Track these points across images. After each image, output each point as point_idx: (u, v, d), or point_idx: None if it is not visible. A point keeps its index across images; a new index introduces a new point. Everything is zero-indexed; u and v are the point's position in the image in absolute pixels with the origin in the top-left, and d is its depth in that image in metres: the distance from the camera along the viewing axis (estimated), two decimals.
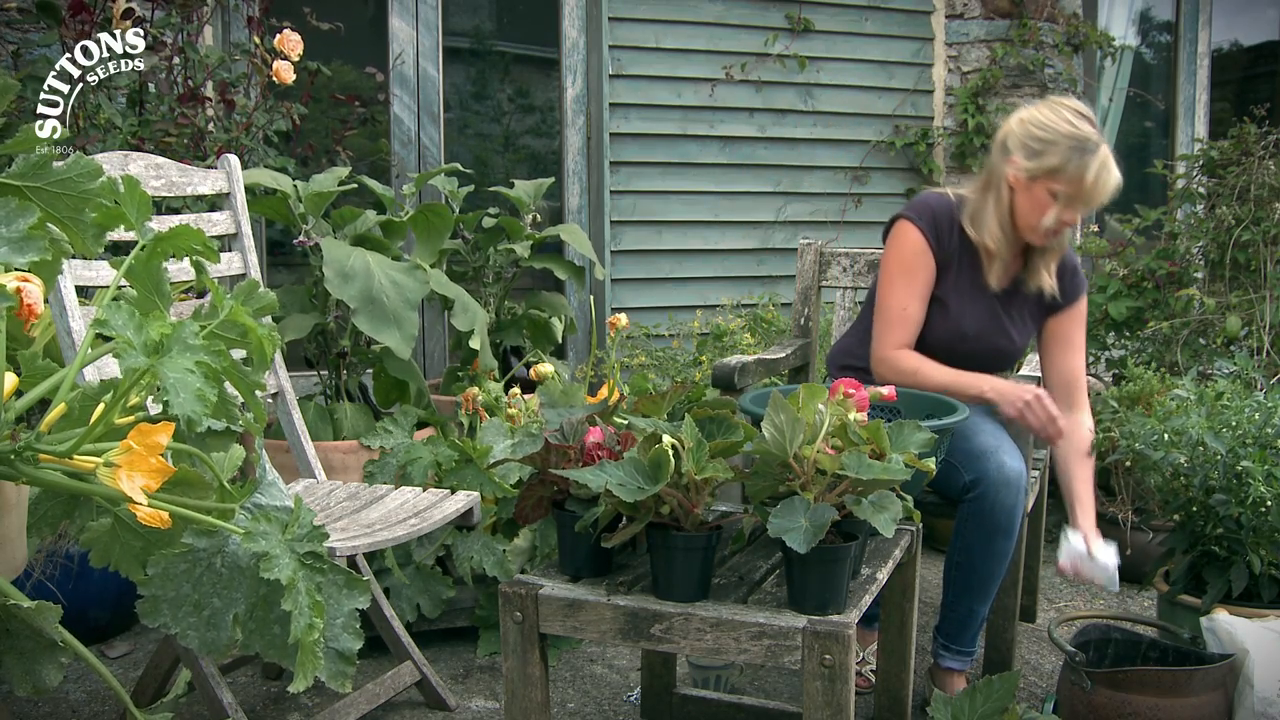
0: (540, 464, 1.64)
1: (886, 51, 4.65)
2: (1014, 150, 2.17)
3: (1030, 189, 2.16)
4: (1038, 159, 2.13)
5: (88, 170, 1.27)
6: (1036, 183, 2.14)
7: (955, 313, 2.27)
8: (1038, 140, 2.13)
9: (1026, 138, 2.15)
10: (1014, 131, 2.19)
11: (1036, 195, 2.15)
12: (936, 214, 2.26)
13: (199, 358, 1.17)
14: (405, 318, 2.68)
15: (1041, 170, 2.13)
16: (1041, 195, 2.15)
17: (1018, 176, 2.16)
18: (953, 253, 2.27)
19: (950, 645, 2.22)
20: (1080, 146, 2.10)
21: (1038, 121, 2.15)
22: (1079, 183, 2.11)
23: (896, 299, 2.25)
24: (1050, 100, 2.20)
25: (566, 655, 2.59)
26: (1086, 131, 2.12)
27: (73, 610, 2.23)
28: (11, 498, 1.33)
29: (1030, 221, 2.18)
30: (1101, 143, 2.13)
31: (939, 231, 2.25)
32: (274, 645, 1.28)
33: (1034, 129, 2.15)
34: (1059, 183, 2.12)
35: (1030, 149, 2.14)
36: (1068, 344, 2.35)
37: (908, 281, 2.25)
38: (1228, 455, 2.15)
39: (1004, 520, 2.09)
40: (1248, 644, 1.97)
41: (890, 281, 2.27)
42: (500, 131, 4.50)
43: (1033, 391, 2.09)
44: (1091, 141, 2.11)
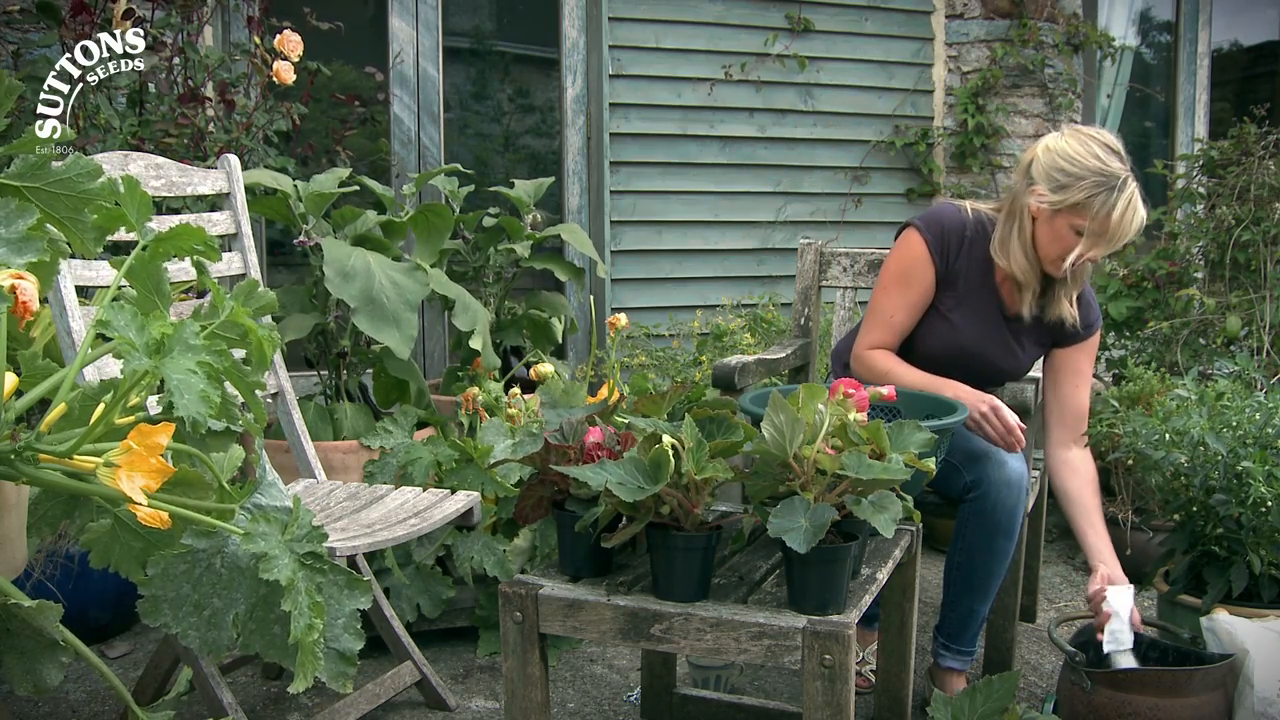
0: (540, 464, 1.64)
1: (886, 51, 4.65)
2: (1038, 180, 2.11)
3: (1052, 221, 2.11)
4: (1062, 192, 2.07)
5: (87, 170, 1.27)
6: (1059, 216, 2.09)
7: (958, 328, 2.25)
8: (1063, 173, 2.08)
9: (1052, 169, 2.09)
10: (1039, 160, 2.13)
11: (1058, 229, 2.10)
12: (946, 229, 2.23)
13: (201, 358, 1.17)
14: (405, 318, 2.68)
15: (1065, 205, 2.07)
16: (1063, 229, 2.10)
17: (1040, 207, 2.11)
18: (959, 269, 2.23)
19: (951, 645, 2.22)
20: (1107, 184, 2.05)
21: (1064, 153, 2.09)
22: (1104, 221, 2.05)
23: (887, 304, 2.25)
24: (1079, 131, 2.14)
25: (566, 655, 2.59)
26: (1114, 168, 2.06)
27: (73, 610, 2.22)
28: (11, 498, 1.33)
29: (1049, 254, 2.14)
30: (1129, 179, 2.07)
31: (945, 246, 2.22)
32: (274, 645, 1.28)
33: (1060, 160, 2.09)
34: (1082, 219, 2.06)
35: (1055, 181, 2.08)
36: (1077, 376, 2.30)
37: (902, 290, 2.24)
38: (1228, 455, 2.15)
39: (1005, 520, 2.09)
40: (1248, 644, 1.97)
41: (885, 286, 2.27)
42: (500, 131, 4.50)
43: (989, 402, 2.06)
44: (1118, 179, 2.05)
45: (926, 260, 2.22)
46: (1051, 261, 2.15)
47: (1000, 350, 2.27)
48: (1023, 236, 2.16)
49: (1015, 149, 4.64)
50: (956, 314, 2.25)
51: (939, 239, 2.22)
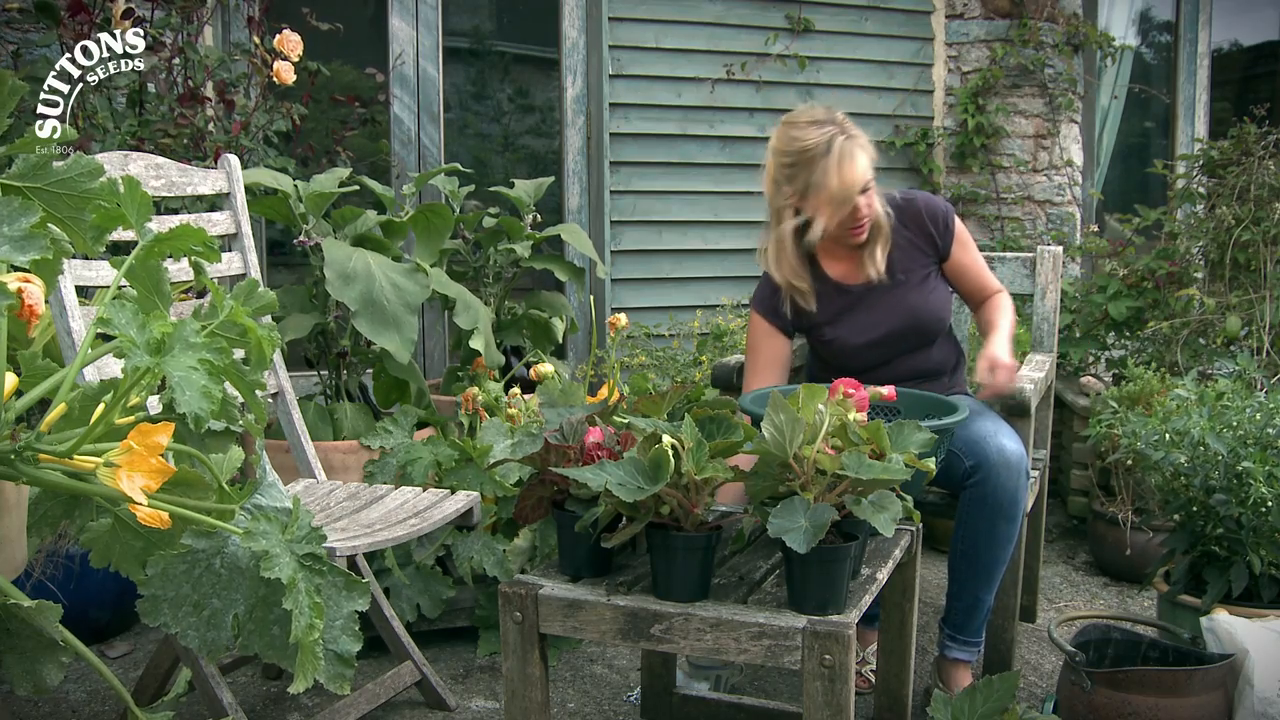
0: (540, 464, 1.64)
1: (886, 51, 4.65)
2: (781, 182, 2.27)
3: (809, 206, 2.24)
4: (794, 182, 2.24)
5: (88, 170, 1.27)
6: (808, 200, 2.23)
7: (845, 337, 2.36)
8: (787, 166, 2.24)
9: (780, 166, 2.26)
10: (772, 164, 2.29)
11: (816, 208, 2.24)
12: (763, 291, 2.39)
13: (202, 355, 1.17)
14: (405, 321, 2.68)
15: (801, 190, 2.23)
16: (817, 206, 2.23)
17: (796, 200, 2.26)
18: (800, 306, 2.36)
19: (957, 636, 2.22)
20: (810, 157, 2.19)
21: (779, 149, 2.25)
22: (827, 188, 2.19)
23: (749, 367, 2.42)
24: (785, 121, 2.29)
25: (566, 655, 2.59)
26: (815, 136, 2.19)
27: (73, 610, 2.22)
28: (11, 498, 1.33)
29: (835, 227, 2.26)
30: (834, 136, 2.19)
31: (768, 303, 2.38)
32: (273, 646, 1.28)
33: (781, 158, 2.25)
34: (818, 193, 2.20)
35: (787, 175, 2.25)
36: (965, 270, 2.42)
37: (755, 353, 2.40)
38: (1228, 455, 2.15)
39: (1007, 503, 2.10)
40: (1248, 644, 1.97)
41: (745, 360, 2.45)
42: (500, 131, 4.50)
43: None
44: (822, 144, 2.19)
45: (767, 326, 2.38)
46: (843, 237, 2.29)
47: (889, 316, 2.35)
48: (783, 240, 2.31)
49: (1015, 149, 4.64)
50: (830, 331, 2.37)
51: (764, 303, 2.38)
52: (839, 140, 2.19)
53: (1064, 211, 4.69)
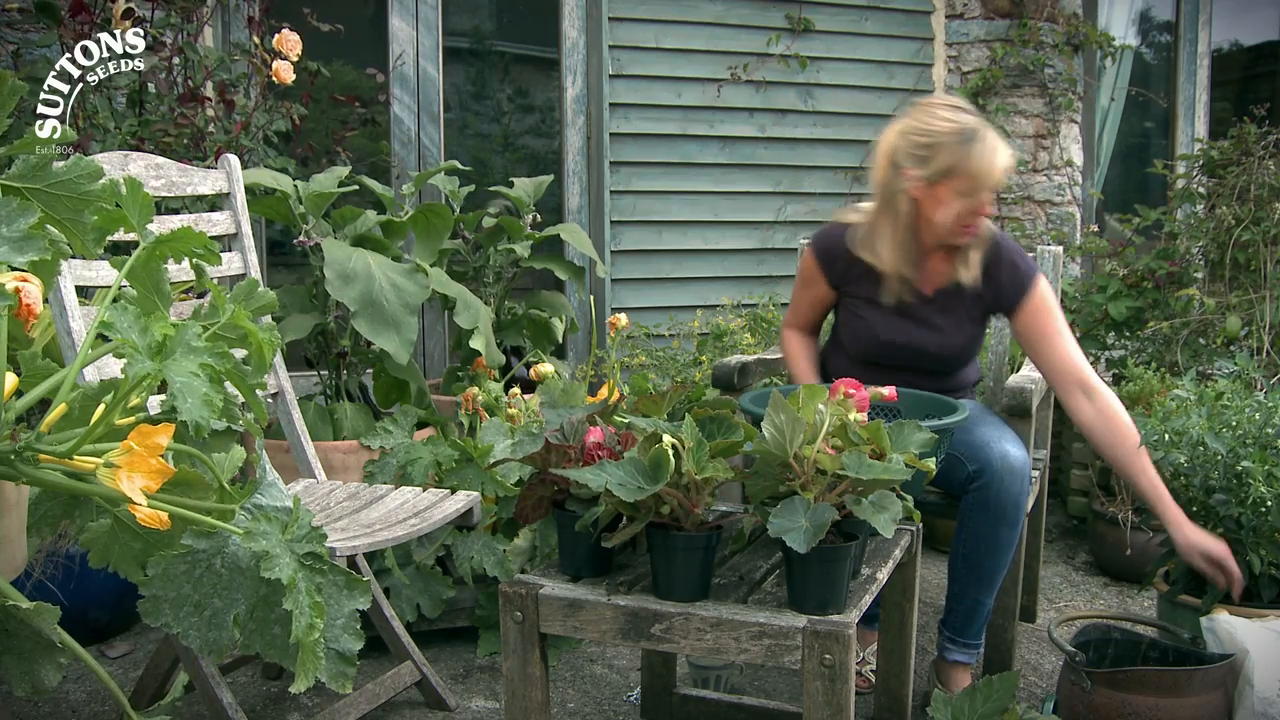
0: (540, 464, 1.64)
1: (887, 51, 4.65)
2: (904, 163, 2.20)
3: (934, 194, 2.18)
4: (929, 164, 2.16)
5: (88, 171, 1.27)
6: (936, 186, 2.17)
7: (871, 323, 2.34)
8: (923, 146, 2.17)
9: (912, 148, 2.19)
10: (898, 145, 2.22)
11: (940, 197, 2.18)
12: (829, 245, 2.39)
13: (204, 360, 1.17)
14: (404, 322, 2.67)
15: (937, 173, 2.16)
16: (945, 196, 2.17)
17: (917, 187, 2.19)
18: (854, 274, 2.35)
19: (957, 639, 2.22)
20: (964, 138, 2.15)
21: (917, 129, 2.19)
22: (973, 173, 2.14)
23: (795, 296, 2.52)
24: (921, 104, 2.25)
25: (566, 655, 2.59)
26: (965, 121, 2.17)
27: (73, 610, 2.23)
28: (11, 498, 1.32)
29: (946, 224, 2.20)
30: (983, 127, 2.17)
31: (829, 258, 2.38)
32: (274, 645, 1.28)
33: (915, 137, 2.19)
34: (958, 179, 2.15)
35: (919, 157, 2.18)
36: (1044, 339, 2.29)
37: (803, 289, 2.48)
38: (1228, 455, 2.15)
39: (1010, 509, 2.10)
40: (1248, 644, 1.97)
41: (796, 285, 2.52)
42: (500, 131, 4.50)
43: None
44: (971, 129, 2.16)
45: (815, 270, 2.42)
46: (951, 232, 2.22)
47: (922, 335, 2.31)
48: (898, 224, 2.25)
49: (1016, 149, 4.63)
50: (865, 310, 2.35)
51: (823, 254, 2.40)
52: (987, 130, 2.17)
53: (1064, 211, 4.69)
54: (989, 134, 2.16)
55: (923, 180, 2.18)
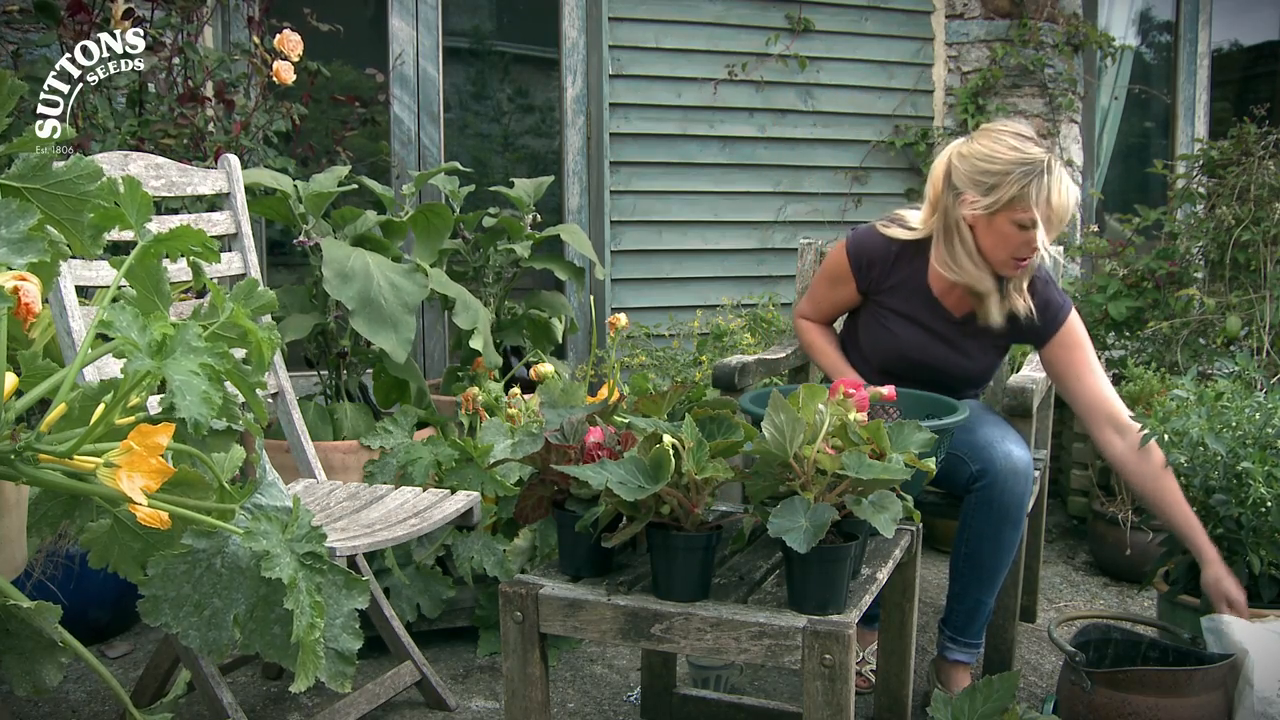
0: (541, 463, 1.64)
1: (886, 51, 4.65)
2: (964, 188, 2.11)
3: (991, 223, 2.10)
4: (994, 193, 2.07)
5: (87, 171, 1.27)
6: (997, 216, 2.08)
7: (897, 336, 2.30)
8: (987, 174, 2.08)
9: (975, 174, 2.10)
10: (958, 168, 2.13)
11: (999, 228, 2.09)
12: (869, 251, 2.31)
13: (203, 359, 1.17)
14: (403, 321, 2.67)
15: (1000, 204, 2.07)
16: (1005, 227, 2.09)
17: (975, 214, 2.11)
18: (891, 285, 2.30)
19: (958, 638, 2.22)
20: (1035, 170, 2.05)
21: (982, 155, 2.09)
22: (1045, 207, 2.05)
23: (817, 290, 2.46)
24: (987, 129, 2.15)
25: (566, 655, 2.59)
26: (1034, 154, 2.07)
27: (73, 610, 2.23)
28: (11, 498, 1.33)
29: (998, 256, 2.13)
30: (1053, 159, 2.07)
31: (865, 267, 2.32)
32: (274, 645, 1.28)
33: (980, 163, 2.09)
34: (1022, 211, 2.06)
35: (982, 184, 2.09)
36: (1074, 373, 2.25)
37: (828, 285, 2.42)
38: (1228, 456, 2.15)
39: (1012, 509, 2.10)
40: (1248, 644, 1.97)
41: (819, 277, 2.47)
42: (500, 131, 4.50)
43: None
44: (1042, 162, 2.05)
45: (847, 272, 2.35)
46: (1003, 263, 2.14)
47: (946, 355, 2.29)
48: (966, 247, 2.15)
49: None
50: (894, 323, 2.31)
51: (858, 259, 2.33)
52: (1057, 165, 2.06)
53: None
54: (1057, 168, 2.06)
55: (982, 209, 2.09)
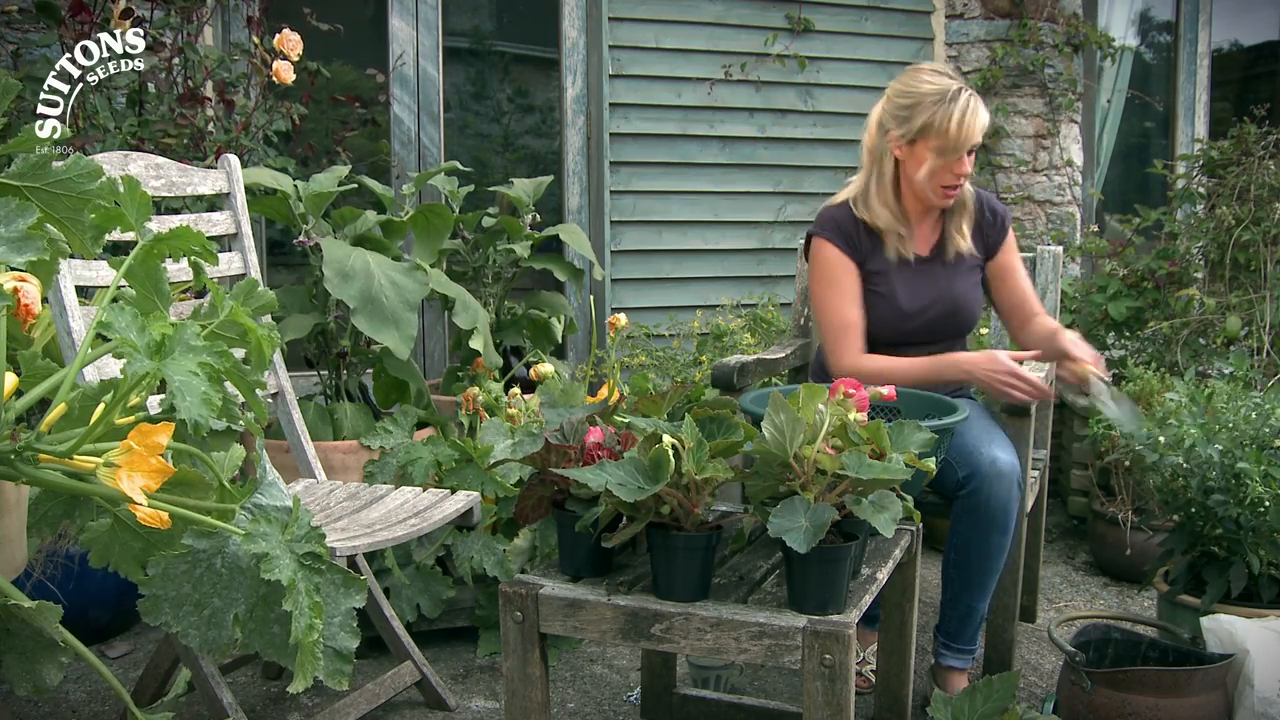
0: (540, 464, 1.64)
1: (886, 51, 4.65)
2: (888, 124, 2.30)
3: (912, 153, 2.28)
4: (908, 122, 2.25)
5: (87, 171, 1.27)
6: (915, 145, 2.26)
7: (890, 298, 2.35)
8: (904, 107, 2.27)
9: (894, 109, 2.29)
10: (884, 109, 2.32)
11: (919, 157, 2.26)
12: (839, 221, 2.38)
13: (202, 359, 1.17)
14: (404, 318, 2.67)
15: (915, 131, 2.24)
16: (923, 155, 2.26)
17: (899, 146, 2.29)
18: (868, 247, 2.36)
19: (951, 644, 2.22)
20: (940, 97, 2.22)
21: (900, 91, 2.29)
22: (945, 128, 2.21)
23: (834, 311, 2.34)
24: (908, 69, 2.35)
25: (566, 655, 2.59)
26: (944, 83, 2.24)
27: (73, 610, 2.22)
28: (11, 498, 1.33)
29: (927, 185, 2.28)
30: (962, 89, 2.24)
31: (846, 234, 2.36)
32: (273, 645, 1.28)
33: (898, 99, 2.28)
34: (932, 137, 2.23)
35: (900, 117, 2.27)
36: (1009, 274, 2.43)
37: (837, 292, 2.34)
38: (1224, 456, 2.15)
39: (999, 515, 2.10)
40: (1248, 644, 1.97)
41: (822, 297, 2.37)
42: (500, 131, 4.50)
43: (1005, 366, 2.14)
44: (951, 90, 2.23)
45: (840, 256, 2.35)
46: (931, 190, 2.29)
47: (938, 298, 2.35)
48: (883, 184, 2.33)
49: (1015, 149, 4.64)
50: (884, 283, 2.36)
51: (838, 232, 2.36)
52: (966, 92, 2.24)
53: (1064, 211, 4.69)
54: (966, 94, 2.23)
55: (903, 139, 2.27)
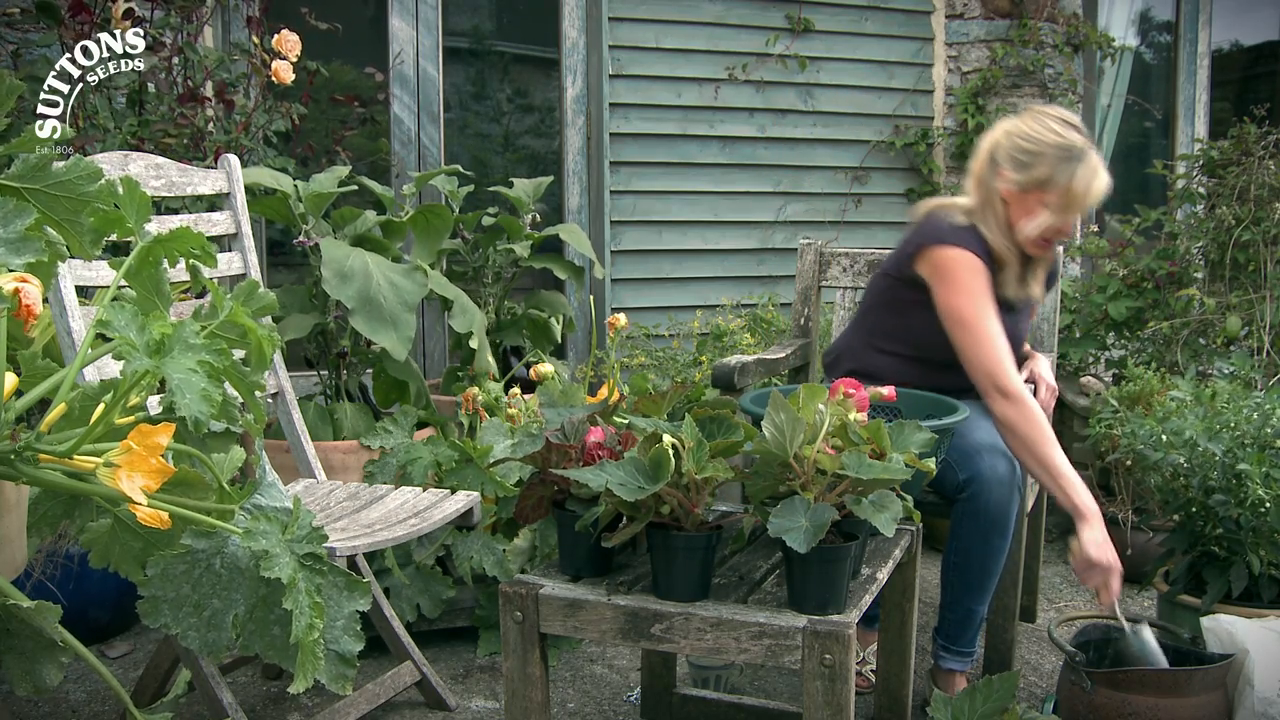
0: (540, 464, 1.64)
1: (886, 51, 4.65)
2: (1003, 163, 2.19)
3: (1023, 200, 2.17)
4: (1026, 171, 2.15)
5: (87, 172, 1.27)
6: (1028, 195, 2.16)
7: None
8: (1025, 153, 2.16)
9: (1014, 150, 2.17)
10: (1001, 144, 2.20)
11: (1029, 206, 2.17)
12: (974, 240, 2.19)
13: (201, 357, 1.17)
14: (402, 319, 2.67)
15: (1032, 182, 2.15)
16: (1033, 206, 2.17)
17: (1009, 189, 2.18)
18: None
19: (950, 646, 2.22)
20: (1067, 155, 2.13)
21: (1023, 133, 2.17)
22: (1067, 191, 2.12)
23: (993, 327, 2.13)
24: (1034, 110, 2.22)
25: (566, 655, 2.59)
26: (1073, 139, 2.14)
27: (73, 610, 2.23)
28: (11, 498, 1.33)
29: (1026, 232, 2.19)
30: (1089, 148, 2.14)
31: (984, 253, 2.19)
32: (273, 646, 1.28)
33: (1020, 141, 2.17)
34: (1049, 193, 2.14)
35: (1018, 161, 2.16)
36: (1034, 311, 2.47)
37: (988, 303, 2.15)
38: (1226, 456, 2.15)
39: (999, 518, 2.09)
40: (1248, 644, 1.97)
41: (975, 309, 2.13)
42: (500, 131, 4.50)
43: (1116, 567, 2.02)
44: (1078, 149, 2.13)
45: (986, 271, 2.17)
46: (1029, 240, 2.21)
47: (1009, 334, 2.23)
48: (998, 220, 2.22)
49: None
50: None
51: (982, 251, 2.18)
52: (1092, 152, 2.14)
53: None
54: (1093, 154, 2.13)
55: (1015, 185, 2.16)
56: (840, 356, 2.42)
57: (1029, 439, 2.05)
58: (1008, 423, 2.07)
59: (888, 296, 2.33)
